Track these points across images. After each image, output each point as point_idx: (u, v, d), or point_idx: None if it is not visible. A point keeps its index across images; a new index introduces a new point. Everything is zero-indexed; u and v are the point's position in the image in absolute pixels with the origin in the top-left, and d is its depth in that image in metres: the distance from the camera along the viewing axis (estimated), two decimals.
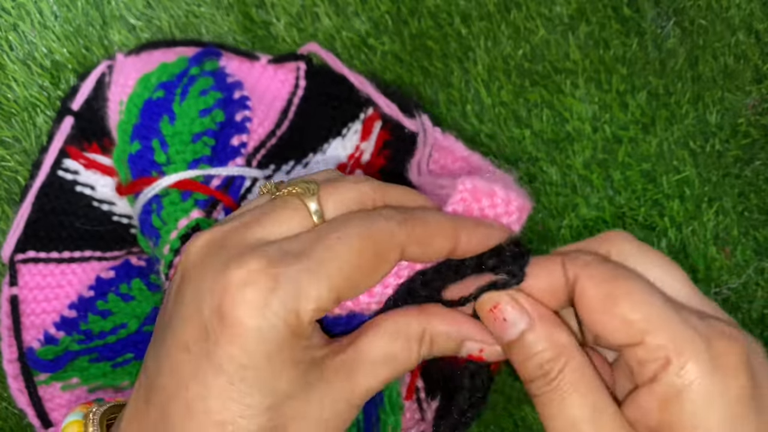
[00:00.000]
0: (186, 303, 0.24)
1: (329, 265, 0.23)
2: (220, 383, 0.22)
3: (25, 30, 0.45)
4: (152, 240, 0.39)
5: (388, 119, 0.44)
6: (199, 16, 0.46)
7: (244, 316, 0.22)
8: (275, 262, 0.23)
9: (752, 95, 0.45)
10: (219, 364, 0.22)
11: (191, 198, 0.39)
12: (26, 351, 0.40)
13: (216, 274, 0.23)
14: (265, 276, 0.23)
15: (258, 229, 0.25)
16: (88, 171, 0.43)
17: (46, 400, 0.40)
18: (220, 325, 0.22)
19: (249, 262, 0.23)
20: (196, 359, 0.23)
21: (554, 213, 0.44)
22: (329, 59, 0.44)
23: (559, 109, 0.45)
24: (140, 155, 0.39)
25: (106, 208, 0.43)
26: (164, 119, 0.40)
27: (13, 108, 0.44)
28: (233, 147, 0.41)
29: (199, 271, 0.24)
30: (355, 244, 0.24)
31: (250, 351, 0.22)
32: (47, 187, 0.43)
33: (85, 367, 0.39)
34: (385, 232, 0.24)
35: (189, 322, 0.23)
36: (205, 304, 0.23)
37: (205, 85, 0.41)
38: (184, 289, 0.24)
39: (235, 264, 0.23)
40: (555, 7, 0.46)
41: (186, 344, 0.23)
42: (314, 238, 0.24)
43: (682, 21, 0.45)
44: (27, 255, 0.42)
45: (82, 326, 0.40)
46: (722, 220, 0.44)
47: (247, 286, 0.22)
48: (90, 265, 0.42)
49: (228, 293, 0.22)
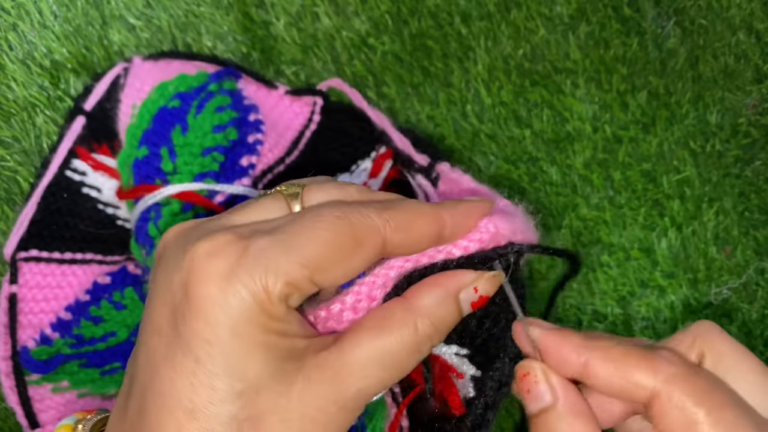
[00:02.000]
0: (158, 283, 0.23)
1: (301, 239, 0.22)
2: (188, 364, 0.21)
3: (24, 30, 0.45)
4: (145, 249, 0.39)
5: (398, 159, 0.43)
6: (199, 15, 0.46)
7: (209, 286, 0.21)
8: (244, 236, 0.22)
9: (753, 95, 0.45)
10: (186, 342, 0.21)
11: (192, 211, 0.38)
12: (20, 350, 0.40)
13: (184, 251, 0.22)
14: (233, 247, 0.22)
15: (235, 216, 0.24)
16: (96, 173, 0.43)
17: (35, 400, 0.39)
18: (185, 300, 0.21)
19: (217, 236, 0.22)
20: (167, 340, 0.22)
21: (554, 213, 0.44)
22: (351, 94, 0.44)
23: (559, 109, 0.45)
24: (147, 161, 0.39)
25: (111, 212, 0.43)
26: (176, 128, 0.39)
27: (12, 108, 0.44)
28: (242, 167, 0.41)
29: (173, 252, 0.23)
30: (329, 223, 0.23)
31: (215, 324, 0.21)
32: (54, 186, 0.42)
33: (74, 372, 0.39)
34: (362, 214, 0.23)
35: (160, 303, 0.22)
36: (174, 282, 0.22)
37: (222, 103, 0.41)
38: (157, 271, 0.23)
39: (203, 239, 0.22)
40: (555, 7, 0.46)
41: (159, 327, 0.22)
42: (289, 218, 0.23)
43: (683, 21, 0.45)
44: (29, 253, 0.41)
45: (74, 330, 0.40)
46: (722, 220, 0.44)
47: (211, 257, 0.21)
48: (90, 268, 0.42)
49: (194, 265, 0.22)
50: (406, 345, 0.24)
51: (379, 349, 0.23)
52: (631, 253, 0.43)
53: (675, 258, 0.43)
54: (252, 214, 0.24)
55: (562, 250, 0.28)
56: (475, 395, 0.29)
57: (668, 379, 0.22)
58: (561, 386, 0.24)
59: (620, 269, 0.43)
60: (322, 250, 0.22)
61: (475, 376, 0.30)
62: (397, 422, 0.35)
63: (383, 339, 0.24)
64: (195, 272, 0.21)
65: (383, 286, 0.25)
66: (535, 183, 0.44)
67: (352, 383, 0.23)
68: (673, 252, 0.43)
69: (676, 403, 0.22)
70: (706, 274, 0.43)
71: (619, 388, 0.23)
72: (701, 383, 0.22)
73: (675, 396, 0.22)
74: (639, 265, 0.43)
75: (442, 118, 0.45)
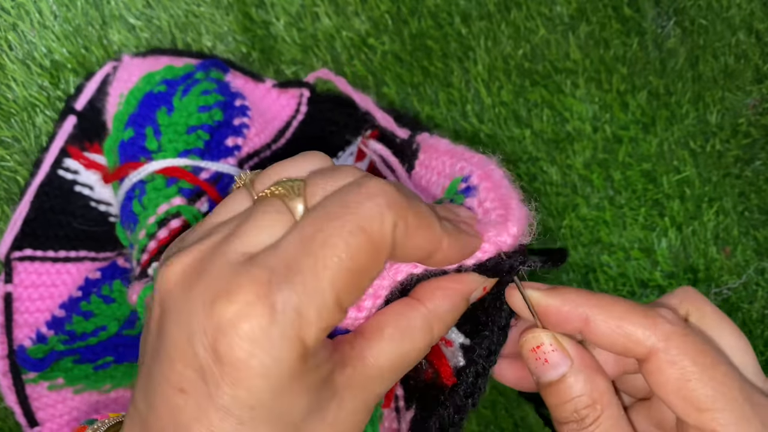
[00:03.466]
0: (173, 339, 0.22)
1: (324, 279, 0.21)
2: (229, 426, 0.21)
3: (24, 30, 0.45)
4: (129, 227, 0.38)
5: (383, 137, 0.43)
6: (199, 15, 0.46)
7: (244, 355, 0.20)
8: (265, 287, 0.21)
9: (753, 95, 0.45)
10: (224, 407, 0.21)
11: (175, 185, 0.38)
12: (17, 349, 0.40)
13: (205, 310, 0.21)
14: (260, 307, 0.20)
15: (237, 242, 0.22)
16: (88, 171, 0.43)
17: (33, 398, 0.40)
18: (218, 367, 0.21)
19: (238, 294, 0.21)
20: (196, 402, 0.21)
21: (554, 213, 0.44)
22: (337, 81, 0.44)
23: (559, 109, 0.45)
24: (132, 142, 0.39)
25: (104, 209, 0.43)
26: (162, 109, 0.39)
27: (12, 108, 0.44)
28: (227, 147, 0.40)
29: (184, 305, 0.22)
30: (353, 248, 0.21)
31: (257, 391, 0.21)
32: (47, 185, 0.43)
33: (69, 368, 0.39)
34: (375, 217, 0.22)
35: (180, 361, 0.21)
36: (198, 344, 0.21)
37: (208, 87, 0.41)
38: (167, 323, 0.22)
39: (223, 298, 0.21)
40: (555, 7, 0.46)
41: (180, 386, 0.21)
42: (298, 246, 0.21)
43: (683, 21, 0.45)
44: (24, 253, 0.42)
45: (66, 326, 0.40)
46: (722, 220, 0.44)
47: (241, 322, 0.20)
48: (84, 266, 0.42)
49: (222, 332, 0.20)
50: (422, 349, 0.25)
51: (399, 357, 0.24)
52: (631, 253, 0.43)
53: (675, 258, 0.43)
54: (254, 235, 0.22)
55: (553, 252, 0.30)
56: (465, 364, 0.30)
57: (667, 337, 0.24)
58: (573, 348, 0.25)
59: (620, 269, 0.43)
60: (347, 281, 0.21)
61: (464, 344, 0.31)
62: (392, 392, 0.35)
63: (404, 347, 0.24)
64: (225, 340, 0.20)
65: (389, 287, 0.25)
66: (535, 183, 0.44)
67: (375, 390, 0.24)
68: (673, 252, 0.43)
69: (673, 360, 0.23)
70: (706, 274, 0.43)
71: (620, 345, 0.24)
72: (696, 342, 0.24)
73: (672, 353, 0.23)
74: (639, 264, 0.43)
75: (442, 118, 0.45)
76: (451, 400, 0.29)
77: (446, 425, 0.29)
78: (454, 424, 0.29)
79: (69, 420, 0.40)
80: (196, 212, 0.37)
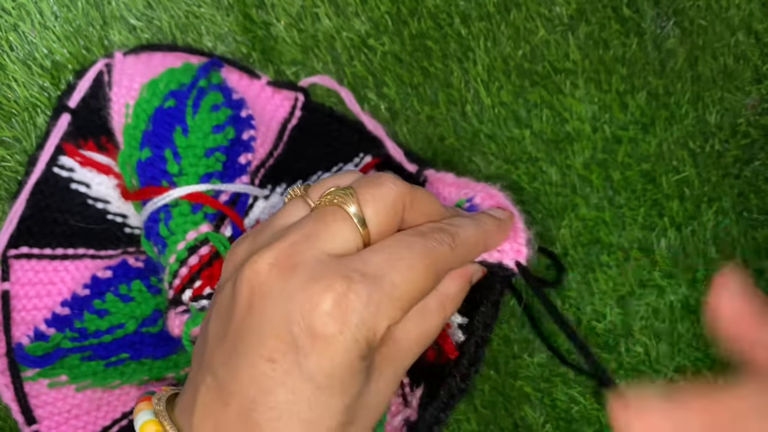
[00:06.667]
0: (268, 318, 0.26)
1: (402, 289, 0.27)
2: (308, 389, 0.26)
3: (25, 30, 0.45)
4: (158, 247, 0.39)
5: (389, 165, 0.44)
6: (200, 16, 0.46)
7: (335, 331, 0.26)
8: (358, 284, 0.26)
9: (752, 95, 0.45)
10: (309, 373, 0.26)
11: (201, 211, 0.39)
12: (15, 346, 0.40)
13: (303, 294, 0.26)
14: (352, 298, 0.26)
15: (319, 243, 0.27)
16: (84, 169, 0.43)
17: (31, 396, 0.40)
18: (310, 341, 0.26)
19: (334, 285, 0.26)
20: (283, 369, 0.26)
21: (554, 213, 0.44)
22: (344, 95, 0.44)
23: (558, 110, 0.45)
24: (151, 163, 0.40)
25: (101, 206, 0.43)
26: (177, 130, 0.40)
27: (13, 108, 0.45)
28: (240, 165, 0.42)
29: (281, 290, 0.26)
30: (420, 271, 0.28)
31: (337, 363, 0.26)
32: (42, 183, 0.43)
33: (75, 365, 0.40)
34: (442, 257, 0.29)
35: (273, 336, 0.26)
36: (294, 321, 0.26)
37: (215, 100, 0.41)
38: (262, 304, 0.27)
39: (320, 285, 0.26)
40: (555, 8, 0.46)
41: (271, 356, 0.26)
42: (386, 262, 0.27)
43: (682, 21, 0.45)
44: (20, 251, 0.42)
45: (76, 324, 0.40)
46: (722, 220, 0.44)
47: (336, 307, 0.26)
48: (83, 263, 0.42)
49: (319, 313, 0.26)
50: (438, 326, 0.31)
51: (421, 334, 0.30)
52: (631, 253, 0.43)
53: (674, 258, 0.43)
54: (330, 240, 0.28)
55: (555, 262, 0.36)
56: (466, 338, 0.35)
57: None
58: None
59: (619, 269, 0.43)
60: (415, 295, 0.28)
61: (462, 324, 0.36)
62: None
63: (425, 325, 0.30)
64: (320, 320, 0.26)
65: None
66: (534, 183, 0.45)
67: (404, 363, 0.30)
68: (672, 252, 0.43)
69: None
70: (706, 274, 0.43)
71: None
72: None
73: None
74: (638, 265, 0.43)
75: (442, 119, 0.45)
76: (456, 369, 0.34)
77: (455, 391, 0.34)
78: (461, 390, 0.34)
79: (68, 417, 0.40)
80: (224, 239, 0.39)
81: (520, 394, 0.43)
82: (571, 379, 0.43)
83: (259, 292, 0.27)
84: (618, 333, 0.43)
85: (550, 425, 0.43)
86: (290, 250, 0.27)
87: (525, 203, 0.44)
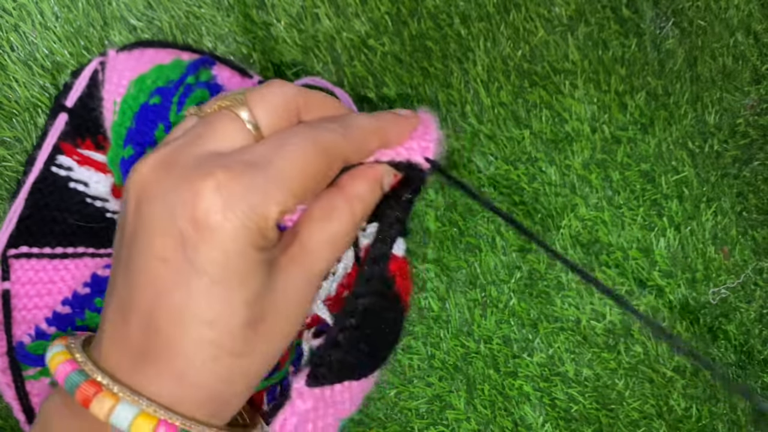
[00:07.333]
0: (153, 217, 0.25)
1: (290, 174, 0.26)
2: (203, 285, 0.25)
3: (26, 31, 0.45)
4: None
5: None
6: (200, 17, 0.46)
7: (221, 219, 0.24)
8: (241, 171, 0.25)
9: (751, 96, 0.45)
10: (201, 268, 0.24)
11: None
12: (16, 345, 0.40)
13: (183, 186, 0.25)
14: (236, 183, 0.25)
15: (203, 144, 0.26)
16: (82, 167, 0.43)
17: (33, 395, 0.40)
18: (197, 232, 0.24)
19: (216, 173, 0.25)
20: (176, 267, 0.25)
21: (553, 213, 0.44)
22: (340, 95, 0.44)
23: (558, 110, 0.45)
24: (132, 161, 0.39)
25: (100, 205, 0.43)
26: (160, 127, 0.40)
27: (14, 108, 0.45)
28: None
29: (161, 187, 0.25)
30: (310, 155, 0.27)
31: (228, 251, 0.25)
32: (40, 182, 0.43)
33: None
34: (332, 142, 0.28)
35: (161, 234, 0.25)
36: (178, 215, 0.25)
37: (201, 97, 0.41)
38: (146, 206, 0.26)
39: (201, 175, 0.25)
40: (554, 8, 0.46)
41: (162, 256, 0.25)
42: (272, 149, 0.26)
43: (681, 22, 0.46)
44: (20, 250, 0.42)
45: (78, 322, 0.40)
46: (721, 220, 0.44)
47: (219, 193, 0.24)
48: (83, 262, 0.42)
49: (202, 201, 0.24)
50: (348, 227, 0.29)
51: (330, 236, 0.29)
52: (630, 253, 0.44)
53: (673, 258, 0.43)
54: (218, 140, 0.27)
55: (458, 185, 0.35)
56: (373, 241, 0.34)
57: None
58: None
59: (619, 269, 0.43)
60: (306, 182, 0.27)
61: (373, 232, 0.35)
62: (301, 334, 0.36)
63: (332, 226, 0.29)
64: (204, 208, 0.24)
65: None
66: (534, 183, 0.45)
67: (314, 265, 0.29)
68: (671, 252, 0.43)
69: None
70: (705, 274, 0.43)
71: None
72: None
73: None
74: (637, 264, 0.43)
75: (441, 119, 0.45)
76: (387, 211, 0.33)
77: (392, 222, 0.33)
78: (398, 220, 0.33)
79: None
80: None
81: (520, 394, 0.43)
82: (571, 378, 0.43)
83: (144, 195, 0.26)
84: (617, 333, 0.43)
85: (550, 425, 0.43)
86: (174, 152, 0.26)
87: (525, 203, 0.45)
